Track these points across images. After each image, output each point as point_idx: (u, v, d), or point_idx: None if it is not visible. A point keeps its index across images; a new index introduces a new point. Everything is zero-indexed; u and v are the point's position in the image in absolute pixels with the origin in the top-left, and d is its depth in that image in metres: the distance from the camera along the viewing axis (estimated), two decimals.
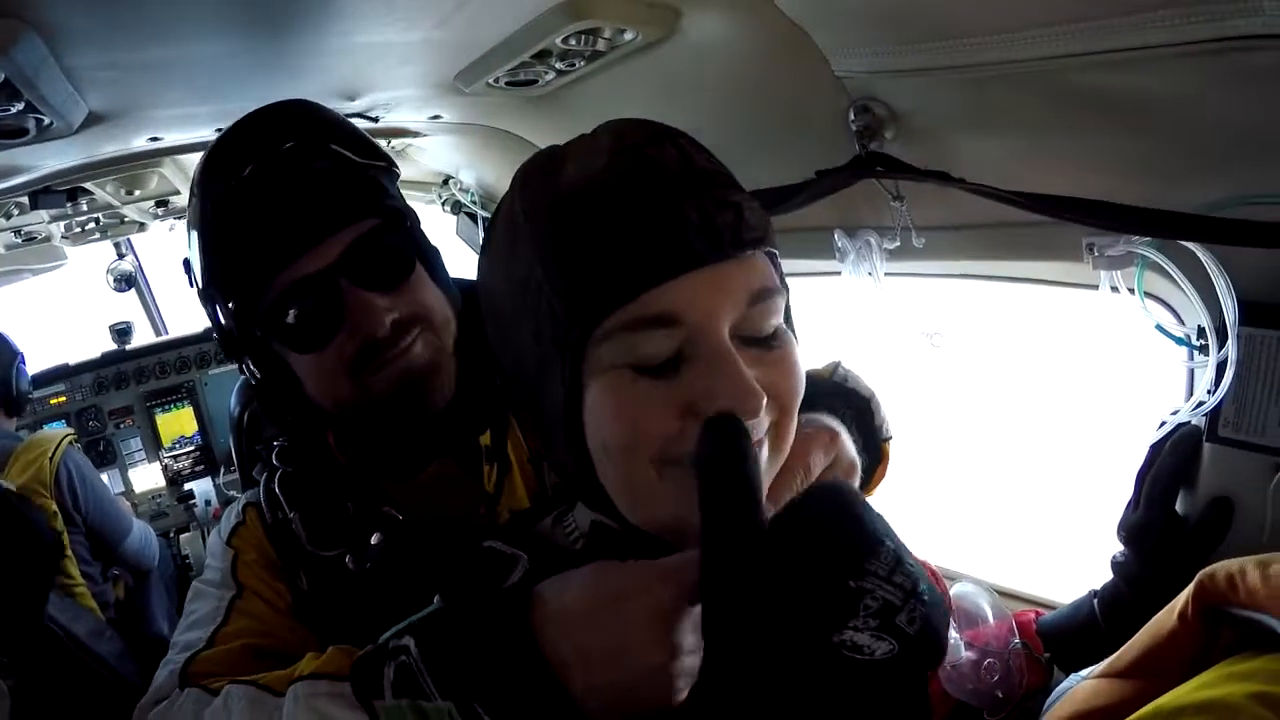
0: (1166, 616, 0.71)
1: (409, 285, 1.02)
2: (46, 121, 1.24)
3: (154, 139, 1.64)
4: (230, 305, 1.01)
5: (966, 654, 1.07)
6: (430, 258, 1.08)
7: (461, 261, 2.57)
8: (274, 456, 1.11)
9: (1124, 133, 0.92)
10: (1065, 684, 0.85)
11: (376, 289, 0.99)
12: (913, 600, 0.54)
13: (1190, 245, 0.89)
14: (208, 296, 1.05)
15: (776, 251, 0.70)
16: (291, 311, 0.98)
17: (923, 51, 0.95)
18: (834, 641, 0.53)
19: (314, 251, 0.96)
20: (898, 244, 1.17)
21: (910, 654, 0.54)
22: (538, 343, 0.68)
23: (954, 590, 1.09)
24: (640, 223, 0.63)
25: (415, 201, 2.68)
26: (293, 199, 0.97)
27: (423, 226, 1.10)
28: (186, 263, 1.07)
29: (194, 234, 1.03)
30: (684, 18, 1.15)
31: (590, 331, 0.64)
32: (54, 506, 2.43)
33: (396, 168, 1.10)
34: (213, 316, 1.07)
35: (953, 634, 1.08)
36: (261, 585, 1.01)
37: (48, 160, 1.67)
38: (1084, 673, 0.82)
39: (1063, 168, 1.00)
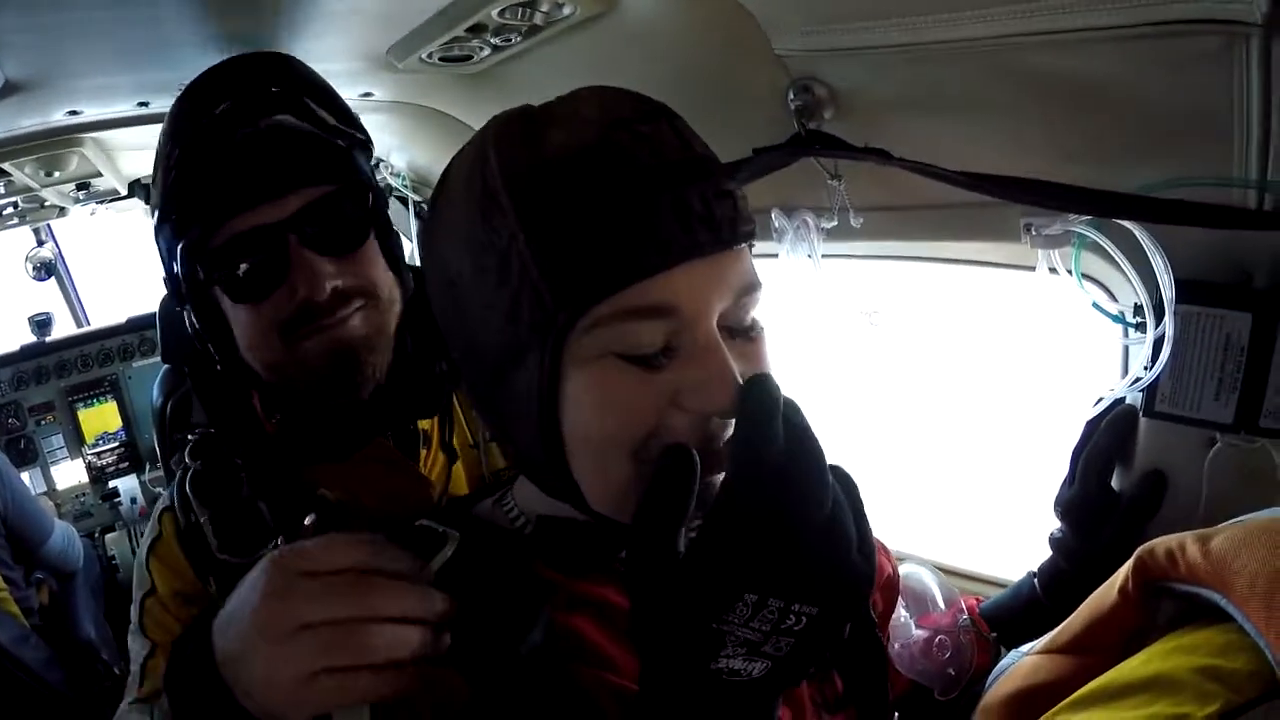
0: (1106, 593, 0.71)
1: (358, 257, 1.01)
2: None
3: (73, 112, 1.55)
4: (181, 242, 0.99)
5: (917, 632, 1.07)
6: (389, 237, 1.06)
7: None
8: (187, 453, 1.07)
9: (1063, 115, 0.92)
10: (1007, 660, 0.85)
11: (325, 253, 0.97)
12: (774, 635, 0.56)
13: (1128, 225, 0.90)
14: (161, 229, 1.03)
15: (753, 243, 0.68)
16: (236, 259, 0.96)
17: (864, 30, 0.93)
18: (712, 669, 0.57)
19: (271, 204, 0.95)
20: (835, 224, 1.16)
21: (786, 667, 0.58)
22: (512, 324, 0.64)
23: (901, 570, 1.10)
24: (642, 207, 0.60)
25: None
26: (261, 147, 0.96)
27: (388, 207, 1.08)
28: (146, 191, 1.06)
29: (158, 162, 1.01)
30: None
31: (578, 318, 0.61)
32: None
33: (371, 143, 1.08)
34: (163, 254, 1.05)
35: (902, 612, 1.08)
36: (168, 635, 0.98)
37: None
38: (1024, 649, 0.82)
39: (1002, 150, 0.99)
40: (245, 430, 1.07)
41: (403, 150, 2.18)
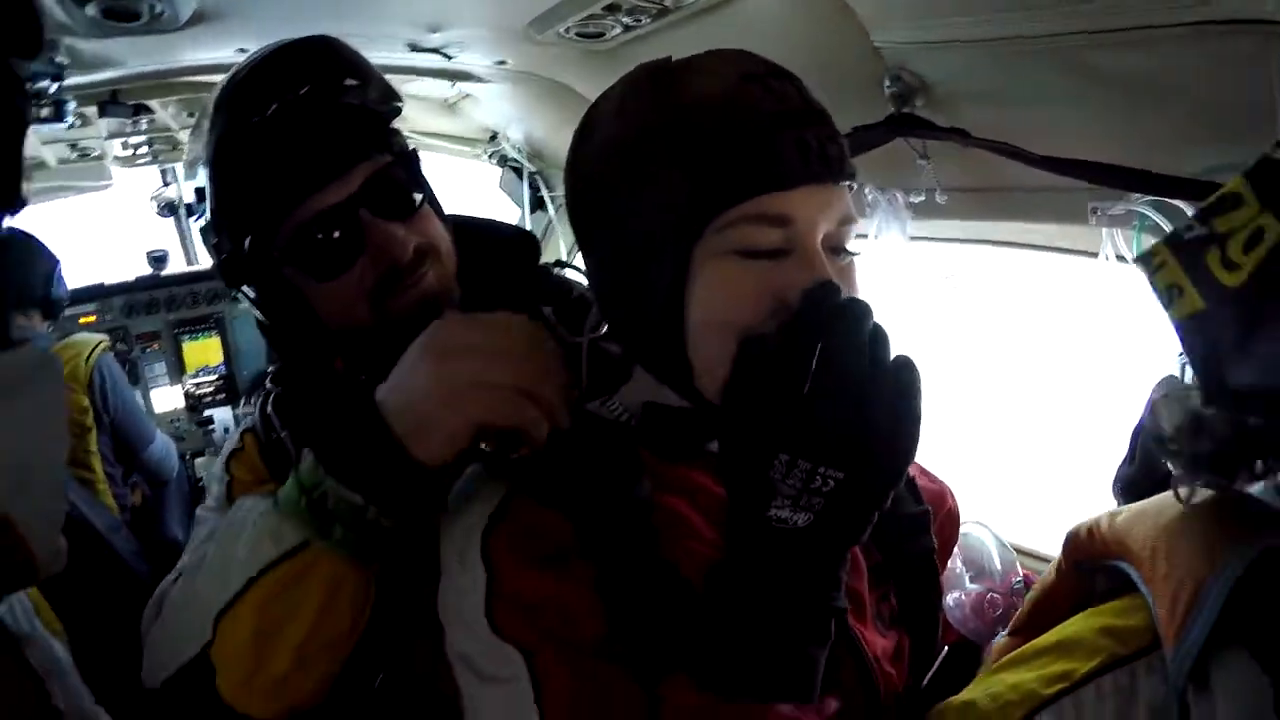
0: (1048, 574, 0.81)
1: (419, 218, 1.13)
2: (159, 10, 1.35)
3: (241, 50, 1.73)
4: (245, 234, 1.09)
5: (971, 586, 1.17)
6: (432, 195, 1.18)
7: (503, 212, 2.73)
8: (268, 379, 1.21)
9: (1128, 109, 1.06)
10: (995, 640, 0.95)
11: (393, 218, 1.09)
12: (805, 495, 0.71)
13: (1184, 206, 1.03)
14: (220, 225, 1.12)
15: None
16: (313, 240, 1.06)
17: (955, 25, 1.09)
18: (765, 515, 0.72)
19: (335, 184, 1.05)
20: (923, 198, 1.32)
21: (822, 523, 0.72)
22: (654, 225, 0.80)
23: (963, 530, 1.18)
24: (772, 138, 0.77)
25: (461, 157, 2.85)
26: (316, 135, 1.06)
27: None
28: (199, 193, 1.14)
29: (209, 164, 1.10)
30: None
31: (711, 219, 0.77)
32: (86, 402, 2.60)
33: (401, 103, 1.19)
34: (218, 245, 1.15)
35: (959, 564, 1.18)
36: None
37: (136, 59, 1.78)
38: (1003, 630, 0.91)
39: (1072, 139, 1.13)
40: (322, 371, 1.20)
41: (522, 122, 2.40)
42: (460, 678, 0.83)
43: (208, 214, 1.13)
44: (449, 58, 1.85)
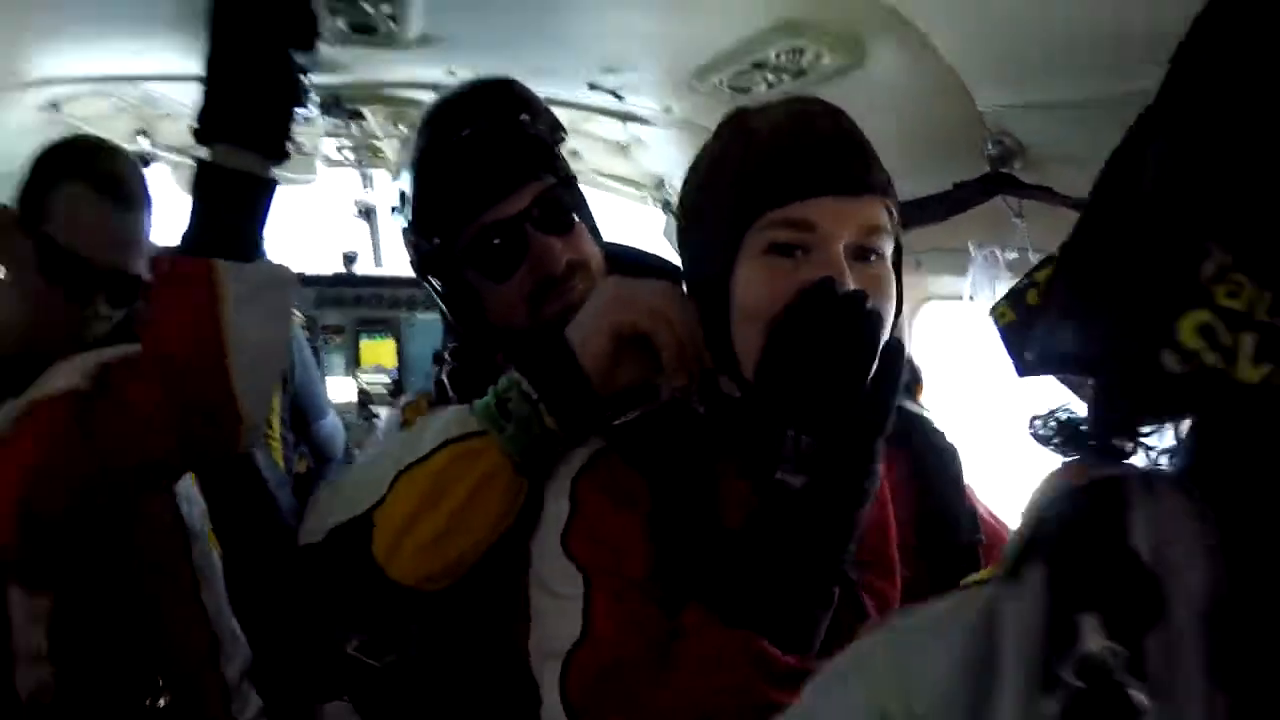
0: None
1: (575, 235, 1.32)
2: (393, 29, 1.66)
3: (451, 71, 2.04)
4: (435, 234, 1.31)
5: None
6: (589, 217, 1.38)
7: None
8: (447, 353, 1.41)
9: None
10: None
11: (554, 233, 1.29)
12: (797, 458, 0.90)
13: None
14: (416, 224, 1.34)
15: (892, 207, 1.00)
16: (488, 245, 1.27)
17: (1053, 85, 1.23)
18: (775, 479, 0.91)
19: (508, 200, 1.26)
20: (1016, 255, 1.46)
21: (815, 485, 0.90)
22: (715, 228, 1.01)
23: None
24: (797, 156, 0.96)
25: (629, 199, 3.10)
26: (498, 158, 1.27)
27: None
28: (402, 195, 1.38)
29: (411, 174, 1.34)
30: (869, 58, 1.49)
31: (754, 220, 0.96)
32: None
33: (565, 134, 1.42)
34: (415, 244, 1.38)
35: None
36: None
37: (362, 69, 2.11)
38: None
39: None
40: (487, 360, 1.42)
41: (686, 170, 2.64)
42: (534, 596, 1.05)
43: (408, 214, 1.38)
44: (620, 98, 2.11)
